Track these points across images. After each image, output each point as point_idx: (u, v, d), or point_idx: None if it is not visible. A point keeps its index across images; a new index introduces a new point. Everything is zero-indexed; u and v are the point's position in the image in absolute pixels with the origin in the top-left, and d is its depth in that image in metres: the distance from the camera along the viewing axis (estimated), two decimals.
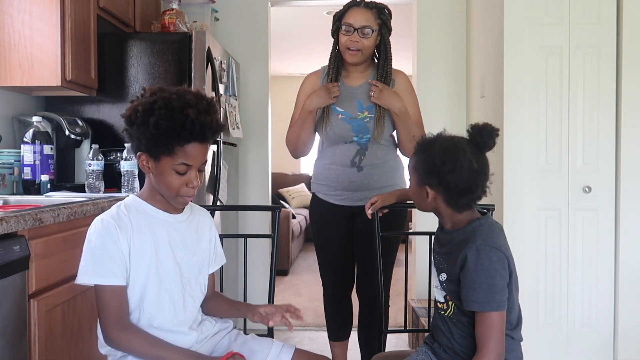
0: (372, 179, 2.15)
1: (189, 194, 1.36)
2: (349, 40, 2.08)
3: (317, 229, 2.31)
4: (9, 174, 2.22)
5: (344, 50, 2.11)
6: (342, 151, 2.16)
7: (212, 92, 2.75)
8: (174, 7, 2.83)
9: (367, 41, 2.08)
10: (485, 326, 1.36)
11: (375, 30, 2.09)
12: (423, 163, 1.45)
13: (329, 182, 2.21)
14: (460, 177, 1.39)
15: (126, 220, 1.34)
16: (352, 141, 2.15)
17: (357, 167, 2.14)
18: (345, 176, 2.15)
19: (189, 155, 1.31)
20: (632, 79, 2.66)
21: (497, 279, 1.35)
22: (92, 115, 2.63)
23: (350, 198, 2.18)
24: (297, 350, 1.51)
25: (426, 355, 1.54)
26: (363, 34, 2.06)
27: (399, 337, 3.37)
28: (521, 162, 2.68)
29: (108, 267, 1.29)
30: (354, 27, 2.06)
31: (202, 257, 1.48)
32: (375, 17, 2.10)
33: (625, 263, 2.70)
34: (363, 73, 2.20)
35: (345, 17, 2.10)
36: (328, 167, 2.20)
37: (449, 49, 3.54)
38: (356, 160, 2.14)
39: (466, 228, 1.44)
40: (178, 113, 1.26)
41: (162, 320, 1.36)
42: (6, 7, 2.22)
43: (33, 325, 1.49)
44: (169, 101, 1.28)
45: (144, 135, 1.28)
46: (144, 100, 1.30)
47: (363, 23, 2.06)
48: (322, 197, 2.25)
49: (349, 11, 2.10)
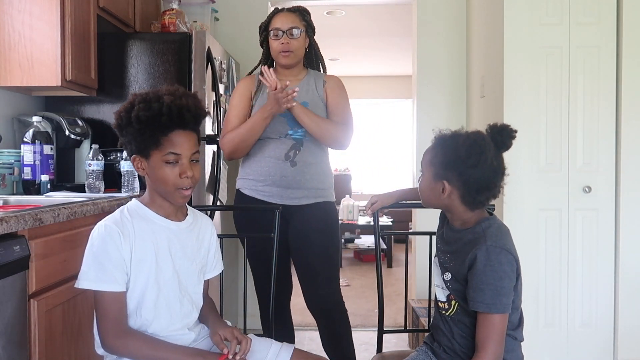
0: (305, 177, 2.11)
1: (185, 184, 1.36)
2: (280, 43, 2.13)
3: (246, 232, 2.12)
4: (9, 174, 2.22)
5: (277, 55, 2.16)
6: (276, 145, 2.11)
7: (212, 92, 2.75)
8: (174, 7, 2.83)
9: (296, 42, 2.14)
10: (487, 328, 1.35)
11: (302, 30, 2.16)
12: (443, 156, 1.42)
13: (257, 177, 2.13)
14: (481, 173, 1.39)
15: (129, 226, 1.35)
16: (287, 135, 2.11)
17: (291, 162, 2.09)
18: (276, 170, 2.09)
19: (175, 144, 1.34)
20: (632, 79, 2.67)
21: (505, 281, 1.35)
22: (92, 115, 2.63)
23: (280, 195, 2.11)
24: (296, 350, 1.52)
25: (426, 355, 1.54)
26: (291, 34, 2.13)
27: (399, 337, 3.37)
28: (521, 162, 2.68)
29: (110, 273, 1.30)
30: (282, 29, 2.13)
31: (200, 264, 1.49)
32: (300, 18, 2.17)
33: (625, 263, 2.70)
34: (296, 77, 2.22)
35: (271, 24, 2.17)
36: (258, 160, 2.13)
37: (449, 49, 3.54)
38: (290, 154, 2.10)
39: (475, 228, 1.43)
40: (154, 103, 1.32)
41: (158, 327, 1.37)
42: (6, 7, 2.22)
43: (33, 325, 1.49)
44: (146, 95, 1.35)
45: (131, 134, 1.33)
46: (125, 105, 1.36)
47: (290, 25, 2.13)
48: (248, 192, 2.16)
49: (274, 18, 2.17)
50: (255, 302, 2.28)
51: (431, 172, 1.46)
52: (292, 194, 2.11)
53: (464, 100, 3.52)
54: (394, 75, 7.96)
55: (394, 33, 5.64)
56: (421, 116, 3.55)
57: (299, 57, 2.19)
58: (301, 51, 2.18)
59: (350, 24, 5.32)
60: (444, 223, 1.58)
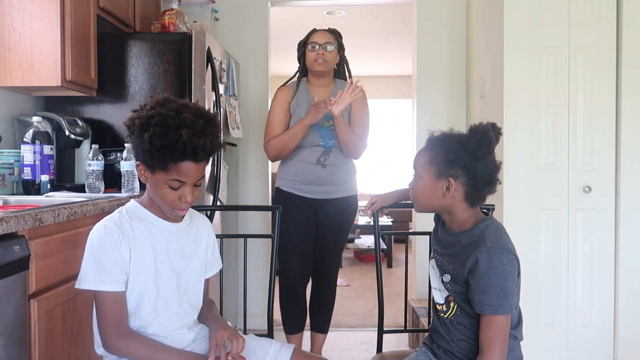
0: (333, 175, 2.57)
1: (182, 207, 1.36)
2: (316, 54, 2.55)
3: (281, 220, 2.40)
4: (9, 174, 2.22)
5: (312, 63, 2.57)
6: (308, 152, 2.56)
7: (212, 92, 2.75)
8: (174, 7, 2.82)
9: (329, 54, 2.56)
10: (493, 329, 1.35)
11: (335, 46, 2.58)
12: (446, 154, 1.41)
13: (294, 177, 2.59)
14: (487, 166, 1.39)
15: (128, 227, 1.35)
16: (320, 144, 2.56)
17: (322, 165, 2.56)
18: (310, 172, 2.56)
19: (182, 173, 1.31)
20: (631, 79, 2.67)
21: (509, 281, 1.35)
22: (92, 115, 2.63)
23: (313, 191, 2.57)
24: (295, 350, 1.52)
25: (425, 355, 1.54)
26: (326, 48, 2.55)
27: (399, 337, 3.37)
28: (521, 162, 2.68)
29: (110, 273, 1.30)
30: (319, 43, 2.56)
31: (198, 264, 1.49)
32: (334, 37, 2.60)
33: (625, 263, 2.70)
34: (327, 88, 2.63)
35: (310, 39, 2.60)
36: (294, 164, 2.59)
37: (449, 49, 3.54)
38: (321, 159, 2.57)
39: (473, 230, 1.42)
40: (172, 132, 1.26)
41: (157, 328, 1.37)
42: (6, 7, 2.22)
43: (33, 325, 1.49)
44: (165, 118, 1.27)
45: (140, 147, 1.29)
46: (143, 113, 1.31)
47: (325, 40, 2.57)
48: (286, 189, 2.60)
49: (312, 35, 2.62)
50: (255, 303, 2.29)
51: (432, 172, 1.44)
52: (323, 189, 2.58)
53: (464, 100, 3.52)
54: (394, 75, 7.96)
55: (394, 33, 5.64)
56: (421, 116, 3.55)
57: (330, 67, 2.59)
58: (333, 63, 2.60)
59: (350, 24, 5.32)
60: (439, 225, 1.57)
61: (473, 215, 1.46)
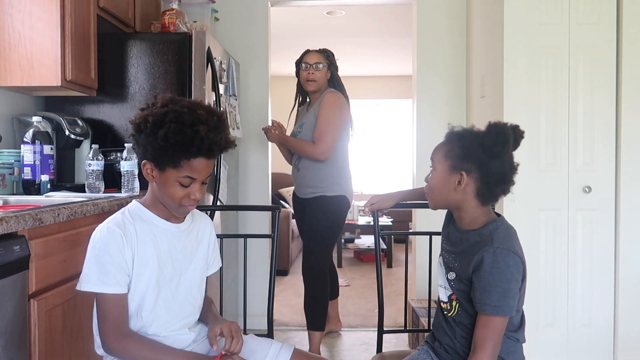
0: (304, 177, 2.94)
1: (190, 203, 1.36)
2: (307, 73, 2.92)
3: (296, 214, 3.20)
4: (9, 174, 2.22)
5: (304, 82, 2.95)
6: (293, 158, 3.03)
7: (212, 92, 2.75)
8: (174, 7, 2.82)
9: (319, 73, 2.92)
10: (488, 329, 1.35)
11: (324, 65, 2.92)
12: (462, 148, 1.42)
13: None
14: (501, 164, 1.40)
15: (131, 229, 1.34)
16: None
17: (297, 169, 2.98)
18: (294, 174, 3.03)
19: (194, 169, 1.31)
20: (631, 79, 2.67)
21: (512, 283, 1.35)
22: (92, 115, 2.63)
23: (297, 191, 3.04)
24: (296, 351, 1.52)
25: (427, 354, 1.54)
26: (316, 68, 2.90)
27: (399, 337, 3.37)
28: (521, 162, 2.65)
29: (112, 275, 1.29)
30: (309, 63, 2.92)
31: (200, 264, 1.49)
32: (324, 57, 2.94)
33: (625, 263, 2.70)
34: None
35: (303, 59, 2.96)
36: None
37: (449, 49, 3.54)
38: (297, 163, 2.99)
39: (483, 230, 1.42)
40: (188, 128, 1.26)
41: (158, 328, 1.37)
42: (6, 7, 2.22)
43: (33, 325, 1.49)
44: (180, 115, 1.27)
45: (152, 145, 1.28)
46: (155, 110, 1.30)
47: (315, 60, 2.92)
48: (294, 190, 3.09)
49: (305, 55, 2.97)
50: (255, 303, 2.29)
51: (446, 165, 1.44)
52: (301, 190, 3.00)
53: (464, 100, 3.52)
54: (394, 75, 7.96)
55: (394, 33, 5.63)
56: (421, 116, 3.55)
57: (319, 85, 2.94)
58: (322, 80, 2.94)
59: (350, 24, 5.32)
60: (449, 222, 1.57)
61: (484, 214, 1.45)
